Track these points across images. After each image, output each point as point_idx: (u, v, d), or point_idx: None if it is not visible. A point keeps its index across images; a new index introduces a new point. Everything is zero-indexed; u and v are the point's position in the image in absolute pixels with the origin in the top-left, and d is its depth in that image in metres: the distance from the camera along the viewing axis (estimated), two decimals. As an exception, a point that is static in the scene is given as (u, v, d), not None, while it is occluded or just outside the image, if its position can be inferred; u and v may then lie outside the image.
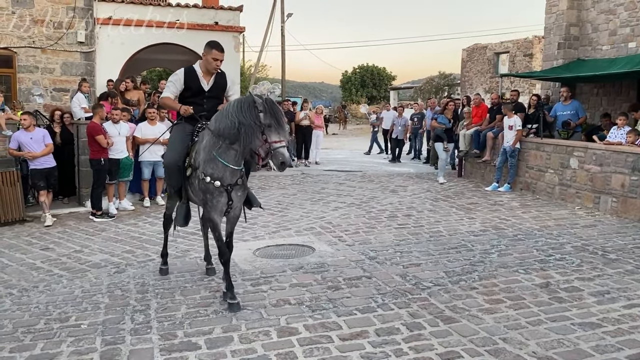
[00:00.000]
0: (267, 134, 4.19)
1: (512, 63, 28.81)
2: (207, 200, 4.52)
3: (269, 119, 4.21)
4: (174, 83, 4.93)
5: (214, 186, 4.44)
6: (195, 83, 4.94)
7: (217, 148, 4.43)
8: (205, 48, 4.93)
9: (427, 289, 5.04)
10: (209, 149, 4.47)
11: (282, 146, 4.19)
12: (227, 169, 4.44)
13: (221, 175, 4.44)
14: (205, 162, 4.47)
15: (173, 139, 4.99)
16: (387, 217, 8.27)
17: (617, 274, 5.49)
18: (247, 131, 4.21)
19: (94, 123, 8.45)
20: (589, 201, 8.98)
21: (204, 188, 4.49)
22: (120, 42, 12.60)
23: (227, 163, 4.43)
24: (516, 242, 6.80)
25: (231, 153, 4.41)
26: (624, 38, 10.90)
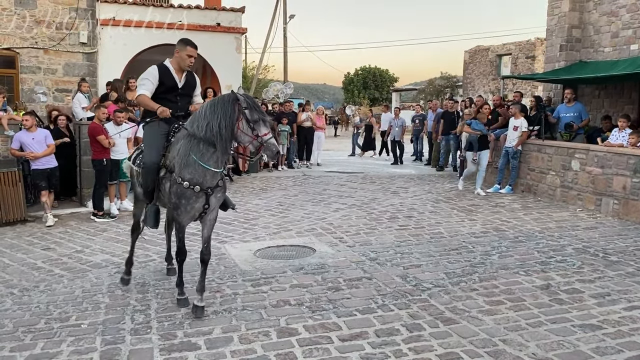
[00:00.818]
0: (257, 129, 4.20)
1: (515, 65, 28.78)
2: (180, 205, 4.38)
3: (255, 113, 4.23)
4: (150, 80, 4.76)
5: (192, 191, 4.32)
6: (170, 80, 4.85)
7: (196, 151, 4.30)
8: (179, 45, 4.86)
9: (427, 290, 5.03)
10: (186, 152, 4.34)
11: (272, 137, 4.27)
12: (207, 172, 4.35)
13: (201, 180, 4.34)
14: (182, 166, 4.33)
15: (150, 138, 4.79)
16: (388, 218, 8.27)
17: (618, 276, 5.48)
18: (231, 130, 4.21)
19: (95, 124, 8.47)
20: (590, 203, 8.97)
21: (179, 192, 4.34)
22: (122, 43, 12.63)
23: (208, 166, 4.32)
24: (517, 243, 6.80)
25: (212, 155, 4.32)
26: (626, 40, 10.89)
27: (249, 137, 4.23)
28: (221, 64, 13.65)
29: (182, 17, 13.22)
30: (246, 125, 4.23)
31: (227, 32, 13.67)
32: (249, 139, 4.24)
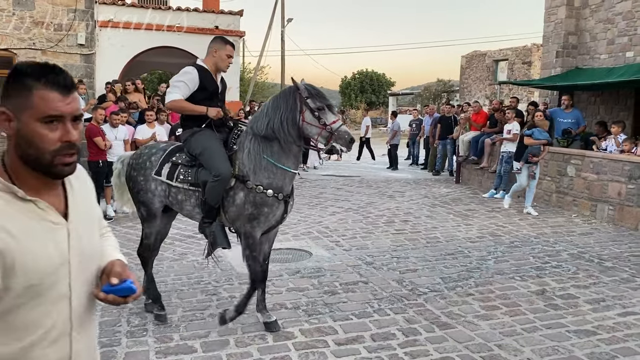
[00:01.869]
0: (323, 117, 3.87)
1: (511, 70, 28.92)
2: (259, 215, 3.97)
3: (318, 101, 3.90)
4: (186, 83, 4.13)
5: (274, 198, 3.96)
6: (211, 83, 4.26)
7: (269, 152, 3.96)
8: (217, 43, 4.28)
9: (423, 295, 5.05)
10: (257, 154, 3.96)
11: (342, 124, 3.95)
12: (287, 175, 4.01)
13: (280, 184, 3.99)
14: (257, 171, 3.95)
15: (213, 147, 4.09)
16: (384, 222, 8.29)
17: (612, 282, 5.51)
18: (294, 123, 3.89)
19: (91, 125, 8.46)
20: (585, 209, 9.01)
21: (258, 201, 3.93)
22: (120, 45, 12.64)
23: (287, 167, 4.00)
24: (513, 249, 6.83)
25: (290, 153, 4.00)
26: (621, 47, 10.96)
27: (316, 127, 3.89)
28: (219, 67, 13.64)
29: (180, 19, 13.24)
30: (310, 115, 3.88)
31: (225, 35, 13.64)
32: (317, 130, 3.90)
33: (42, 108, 1.36)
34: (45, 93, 1.37)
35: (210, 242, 4.22)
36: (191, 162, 4.19)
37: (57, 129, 1.38)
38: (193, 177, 4.15)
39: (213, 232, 4.16)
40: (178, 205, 4.32)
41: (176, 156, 4.29)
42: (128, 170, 4.49)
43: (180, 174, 4.21)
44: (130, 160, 4.53)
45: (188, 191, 4.20)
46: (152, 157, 4.38)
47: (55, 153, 1.38)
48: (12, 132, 1.39)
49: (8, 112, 1.38)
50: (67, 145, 1.39)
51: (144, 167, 4.36)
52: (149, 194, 4.34)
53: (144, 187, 4.34)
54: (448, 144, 14.03)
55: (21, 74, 1.39)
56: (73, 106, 1.41)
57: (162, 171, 4.26)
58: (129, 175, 4.49)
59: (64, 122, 1.39)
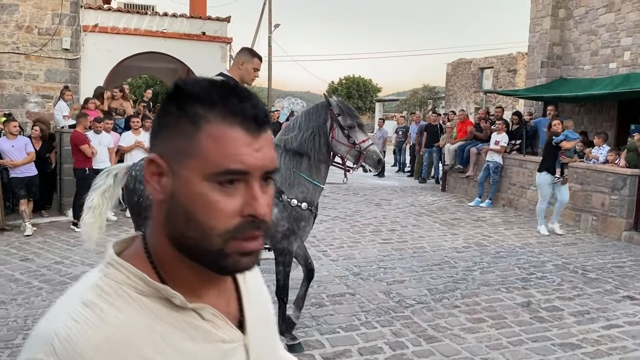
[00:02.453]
0: (353, 136, 3.86)
1: (496, 78, 29.19)
2: (296, 230, 3.94)
3: (349, 119, 3.89)
4: None
5: (309, 212, 3.96)
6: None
7: (302, 167, 3.93)
8: (244, 55, 4.08)
9: (410, 307, 5.06)
10: (288, 170, 3.92)
11: (372, 143, 3.95)
12: (317, 190, 4.00)
13: (311, 198, 3.97)
14: (291, 185, 3.92)
15: None
16: (371, 231, 8.30)
17: (596, 294, 5.57)
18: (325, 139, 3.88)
19: (77, 132, 8.36)
20: (570, 219, 9.11)
21: (295, 215, 3.90)
22: (106, 50, 12.52)
23: (317, 182, 3.98)
24: (498, 259, 6.87)
25: (319, 169, 3.98)
26: (605, 58, 11.13)
27: (345, 145, 3.89)
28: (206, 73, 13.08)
29: (167, 25, 13.17)
30: (340, 133, 3.88)
31: (213, 42, 13.63)
32: (346, 148, 3.90)
33: (216, 157, 0.79)
34: (223, 130, 0.80)
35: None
36: None
37: (238, 193, 0.81)
38: None
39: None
40: None
41: None
42: (132, 183, 4.16)
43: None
44: (134, 172, 4.17)
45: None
46: None
47: (231, 234, 0.80)
48: (163, 195, 0.83)
49: (160, 161, 0.82)
50: (252, 222, 0.81)
51: None
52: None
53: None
54: (434, 152, 14.12)
55: (183, 96, 0.82)
56: (266, 155, 0.83)
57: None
58: (133, 188, 4.14)
59: (249, 182, 0.81)
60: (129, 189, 4.18)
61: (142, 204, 4.08)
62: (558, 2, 12.10)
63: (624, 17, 10.68)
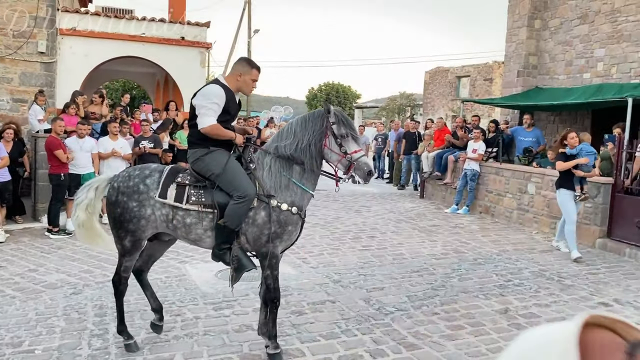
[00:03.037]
0: (345, 145, 3.86)
1: (473, 87, 29.60)
2: (283, 234, 3.90)
3: (343, 128, 3.88)
4: (219, 105, 3.90)
5: (298, 216, 3.94)
6: (234, 106, 4.07)
7: (293, 172, 3.94)
8: (242, 66, 4.04)
9: (390, 314, 5.07)
10: (278, 173, 3.92)
11: (364, 154, 3.95)
12: (306, 196, 4.00)
13: (301, 203, 3.95)
14: (280, 189, 3.90)
15: (234, 167, 3.91)
16: (351, 238, 8.32)
17: (572, 300, 5.66)
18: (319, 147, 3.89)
19: (52, 137, 8.22)
20: (545, 226, 9.25)
21: (283, 219, 3.86)
22: (83, 54, 12.36)
23: (307, 189, 3.98)
24: (476, 266, 6.94)
25: (310, 175, 3.99)
26: (579, 69, 11.37)
27: (336, 154, 3.89)
28: (185, 78, 13.50)
29: (145, 29, 13.06)
30: (333, 141, 3.88)
31: (192, 47, 13.56)
32: (337, 157, 3.90)
33: None
34: None
35: (235, 268, 3.94)
36: (199, 182, 3.97)
37: None
38: (208, 199, 3.90)
39: (236, 256, 3.91)
40: (183, 230, 3.95)
41: (180, 177, 4.00)
42: (114, 195, 4.01)
43: (191, 195, 3.92)
44: (116, 184, 4.05)
45: (201, 214, 3.91)
46: (146, 179, 3.99)
47: None
48: None
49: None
50: None
51: (137, 192, 3.95)
52: (142, 222, 3.95)
53: (137, 214, 3.92)
54: (412, 159, 14.25)
55: None
56: None
57: (168, 194, 3.92)
58: (115, 200, 4.00)
59: None
60: (111, 201, 4.03)
61: (124, 217, 3.97)
62: (534, 13, 12.34)
63: (597, 29, 10.93)
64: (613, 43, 10.56)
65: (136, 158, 9.58)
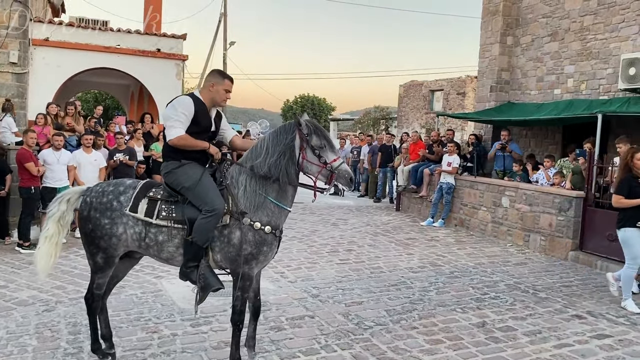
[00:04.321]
0: (324, 155, 3.79)
1: (446, 100, 30.06)
2: (258, 255, 3.80)
3: (319, 139, 3.81)
4: (186, 115, 3.82)
5: (273, 235, 3.83)
6: (206, 118, 3.97)
7: (269, 189, 3.83)
8: (214, 77, 4.00)
9: (369, 329, 5.07)
10: (255, 192, 3.81)
11: (343, 162, 3.87)
12: (283, 213, 3.91)
13: (278, 222, 3.87)
14: (256, 208, 3.79)
15: (204, 181, 3.82)
16: (328, 251, 8.31)
17: (547, 313, 5.75)
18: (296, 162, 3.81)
19: (23, 150, 8.05)
20: (519, 239, 9.41)
21: (258, 240, 3.77)
22: (56, 65, 12.18)
23: (284, 205, 3.89)
24: (453, 279, 7.00)
25: (287, 191, 3.90)
26: (550, 85, 11.65)
27: (316, 166, 3.81)
28: (160, 90, 13.39)
29: (120, 41, 12.94)
30: (311, 153, 3.80)
31: (168, 58, 13.48)
32: (317, 168, 3.82)
33: None
34: None
35: (201, 287, 3.82)
36: (171, 197, 3.87)
37: None
38: (178, 214, 3.80)
39: (203, 274, 3.79)
40: (155, 248, 3.85)
41: (153, 191, 3.91)
42: (85, 210, 3.91)
43: (162, 210, 3.81)
44: (88, 199, 3.93)
45: (172, 230, 3.81)
46: (120, 196, 3.89)
47: None
48: None
49: None
50: None
51: (110, 208, 3.85)
52: (113, 240, 3.84)
53: (108, 232, 3.82)
54: (388, 171, 14.36)
55: None
56: None
57: (139, 208, 3.82)
58: (87, 216, 3.89)
59: None
60: (82, 216, 3.93)
61: (95, 234, 3.85)
62: (506, 30, 12.62)
63: (567, 46, 11.23)
64: (582, 60, 10.87)
65: (111, 171, 9.44)
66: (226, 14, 27.32)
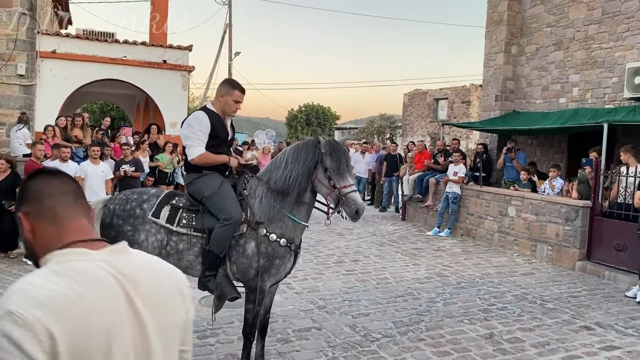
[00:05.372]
0: (335, 179, 3.73)
1: (451, 109, 30.09)
2: (271, 267, 3.82)
3: (334, 161, 3.75)
4: (203, 132, 3.87)
5: (287, 249, 3.85)
6: (222, 130, 4.02)
7: (284, 203, 3.85)
8: (224, 87, 4.05)
9: (376, 341, 5.06)
10: (268, 204, 3.85)
11: (353, 190, 3.76)
12: (297, 227, 3.91)
13: (292, 235, 3.87)
14: (271, 220, 3.83)
15: (224, 190, 3.89)
16: (334, 262, 8.30)
17: (555, 324, 5.72)
18: (307, 178, 3.82)
19: (31, 162, 8.12)
20: (526, 249, 9.37)
21: (270, 252, 3.79)
22: (63, 77, 12.27)
23: (298, 220, 3.89)
24: (460, 290, 6.97)
25: (302, 208, 3.91)
26: (555, 94, 11.65)
27: (326, 187, 3.78)
28: (166, 101, 13.49)
29: (127, 52, 13.04)
30: (322, 173, 3.78)
31: (174, 70, 13.56)
32: (326, 190, 3.79)
33: None
34: None
35: (218, 296, 3.83)
36: (193, 206, 3.93)
37: None
38: (198, 222, 3.85)
39: (219, 283, 3.81)
40: (176, 256, 3.86)
41: (175, 200, 3.99)
42: (108, 217, 3.94)
43: (182, 217, 3.88)
44: (112, 206, 3.98)
45: (192, 238, 3.86)
46: (143, 204, 3.94)
47: None
48: None
49: None
50: None
51: (132, 215, 3.89)
52: (134, 247, 3.93)
53: (130, 239, 3.77)
54: (394, 181, 14.35)
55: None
56: None
57: (161, 214, 3.88)
58: (109, 223, 3.92)
59: None
60: (105, 224, 3.94)
61: (117, 241, 3.82)
62: (510, 39, 12.65)
63: (572, 55, 11.24)
64: (587, 69, 10.87)
65: (117, 182, 9.49)
66: (231, 24, 27.48)
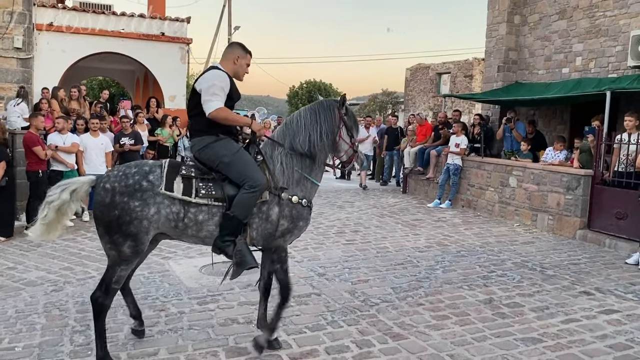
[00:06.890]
0: (355, 136, 4.07)
1: (453, 83, 29.81)
2: (294, 229, 3.88)
3: (352, 119, 4.05)
4: (224, 90, 3.78)
5: (309, 210, 3.94)
6: (236, 91, 3.96)
7: (303, 166, 3.90)
8: (238, 50, 3.96)
9: (375, 306, 5.07)
10: (291, 169, 3.86)
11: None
12: (314, 188, 4.02)
13: (311, 196, 3.98)
14: (293, 184, 3.85)
15: (244, 156, 3.79)
16: (335, 233, 8.31)
17: (554, 290, 5.72)
18: (333, 140, 3.98)
19: (30, 133, 8.08)
20: (527, 218, 9.36)
21: (295, 214, 3.83)
22: (60, 50, 12.16)
23: (316, 181, 4.02)
24: (459, 258, 6.98)
25: (320, 167, 4.04)
26: (558, 64, 11.50)
27: (347, 144, 4.03)
28: (165, 74, 13.37)
29: (124, 25, 12.89)
30: (346, 132, 3.99)
31: (172, 42, 13.42)
32: (347, 147, 4.04)
33: None
34: None
35: (237, 262, 3.73)
36: (205, 174, 3.76)
37: None
38: (218, 191, 3.70)
39: (240, 250, 3.71)
40: (195, 228, 3.69)
41: (184, 169, 3.74)
42: (108, 197, 3.55)
43: (200, 188, 3.67)
44: (109, 185, 3.58)
45: (212, 208, 3.69)
46: (148, 175, 3.62)
47: None
48: None
49: None
50: None
51: (139, 189, 3.56)
52: (144, 223, 3.54)
53: (139, 215, 3.52)
54: (395, 154, 14.29)
55: None
56: None
57: (174, 187, 3.62)
58: (110, 202, 3.53)
59: None
60: (105, 204, 3.56)
61: (123, 220, 3.52)
62: (513, 8, 12.45)
63: (575, 24, 11.07)
64: (591, 38, 10.71)
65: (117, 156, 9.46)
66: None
